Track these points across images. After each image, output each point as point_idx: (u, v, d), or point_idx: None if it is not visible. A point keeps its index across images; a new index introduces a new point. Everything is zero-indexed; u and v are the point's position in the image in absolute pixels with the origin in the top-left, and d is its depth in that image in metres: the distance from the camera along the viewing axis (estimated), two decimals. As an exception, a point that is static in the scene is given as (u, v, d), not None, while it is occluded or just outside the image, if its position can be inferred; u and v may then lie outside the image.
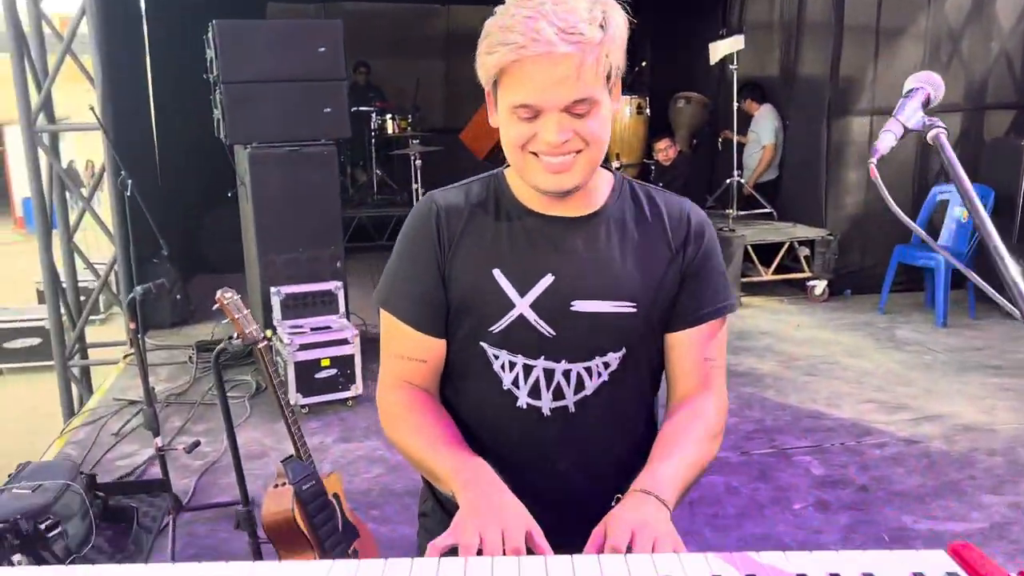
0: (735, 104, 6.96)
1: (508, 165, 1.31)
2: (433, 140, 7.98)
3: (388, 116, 8.74)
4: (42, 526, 1.57)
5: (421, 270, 1.30)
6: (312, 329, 4.46)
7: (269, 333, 4.16)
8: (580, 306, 1.27)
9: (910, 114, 1.09)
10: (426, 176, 7.14)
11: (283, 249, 4.67)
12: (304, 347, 4.30)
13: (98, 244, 5.97)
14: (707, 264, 1.32)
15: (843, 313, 6.37)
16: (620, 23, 1.16)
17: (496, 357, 1.30)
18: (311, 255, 4.72)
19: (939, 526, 3.26)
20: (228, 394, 2.96)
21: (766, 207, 7.19)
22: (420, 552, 1.48)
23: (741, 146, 7.27)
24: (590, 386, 1.30)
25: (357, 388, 4.44)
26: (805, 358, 5.30)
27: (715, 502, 3.42)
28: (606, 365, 1.30)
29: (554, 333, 1.27)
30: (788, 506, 3.42)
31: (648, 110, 7.82)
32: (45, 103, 5.50)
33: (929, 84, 1.13)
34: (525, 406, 1.31)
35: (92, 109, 4.20)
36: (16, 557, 1.55)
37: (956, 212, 6.10)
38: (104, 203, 5.86)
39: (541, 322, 1.27)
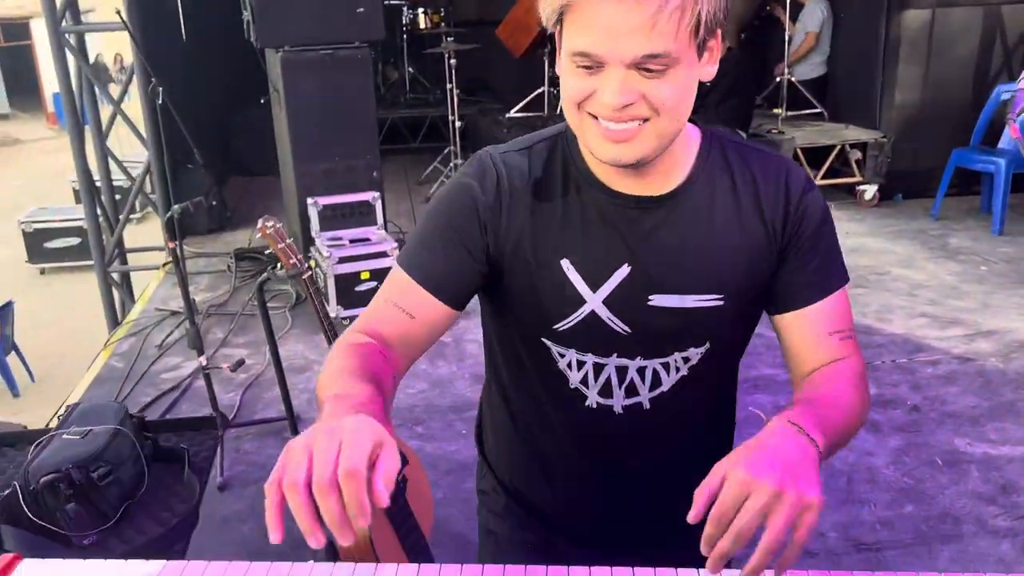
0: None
1: None
2: (467, 36, 7.68)
3: (420, 10, 8.42)
4: (94, 474, 1.56)
5: (453, 241, 1.12)
6: (351, 241, 4.40)
7: (312, 264, 4.11)
8: (659, 300, 1.12)
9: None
10: (461, 75, 6.92)
11: (319, 158, 4.57)
12: (344, 260, 4.25)
13: (130, 140, 5.91)
14: (813, 239, 1.14)
15: (894, 219, 6.19)
16: None
17: (562, 355, 1.16)
18: (347, 164, 4.62)
19: (994, 450, 3.21)
20: (268, 304, 2.94)
21: (817, 106, 6.91)
22: (483, 531, 1.43)
23: (791, 40, 6.95)
24: (667, 382, 1.18)
25: (397, 300, 4.42)
26: (854, 268, 5.12)
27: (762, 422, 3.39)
28: (686, 360, 1.17)
29: (630, 331, 1.13)
30: (838, 427, 3.39)
31: None
32: (70, 2, 5.35)
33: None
34: (595, 405, 1.18)
35: (119, 12, 4.05)
36: (70, 507, 1.55)
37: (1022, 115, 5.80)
38: (134, 98, 5.75)
39: (615, 319, 1.12)
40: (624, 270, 1.10)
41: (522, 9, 6.94)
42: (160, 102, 3.75)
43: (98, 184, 5.86)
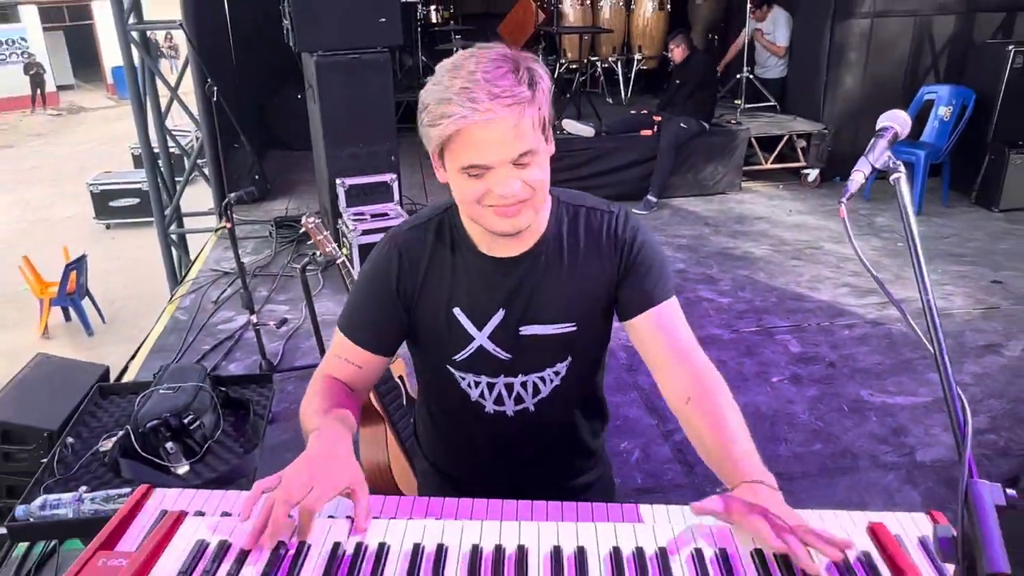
0: (748, 3, 6.67)
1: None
2: (473, 32, 7.75)
3: (432, 7, 8.47)
4: (185, 420, 1.79)
5: (378, 306, 1.29)
6: (372, 216, 4.58)
7: (345, 252, 4.29)
8: (528, 330, 1.28)
9: (878, 154, 1.16)
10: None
11: (346, 145, 4.72)
12: (366, 232, 4.44)
13: (180, 112, 6.05)
14: (644, 260, 1.28)
15: (832, 200, 6.34)
16: (545, 76, 1.14)
17: (462, 378, 1.33)
18: (369, 150, 4.77)
19: (890, 399, 3.42)
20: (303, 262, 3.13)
21: (770, 100, 7.03)
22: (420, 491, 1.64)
23: (751, 43, 7.02)
24: (545, 389, 1.34)
25: (411, 266, 4.62)
26: (794, 243, 5.36)
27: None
28: (556, 373, 1.33)
29: (509, 356, 1.29)
30: (768, 379, 3.60)
31: (669, 5, 7.50)
32: (135, 3, 5.45)
33: (897, 123, 1.19)
34: (492, 412, 1.35)
35: (181, 25, 4.18)
36: (169, 444, 1.79)
37: (940, 111, 5.95)
38: (186, 78, 5.84)
39: (498, 349, 1.29)
40: (500, 313, 1.27)
41: (520, 11, 7.02)
42: (215, 100, 3.89)
43: (156, 151, 6.01)
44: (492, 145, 1.08)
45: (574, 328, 1.29)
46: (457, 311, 1.27)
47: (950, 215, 5.89)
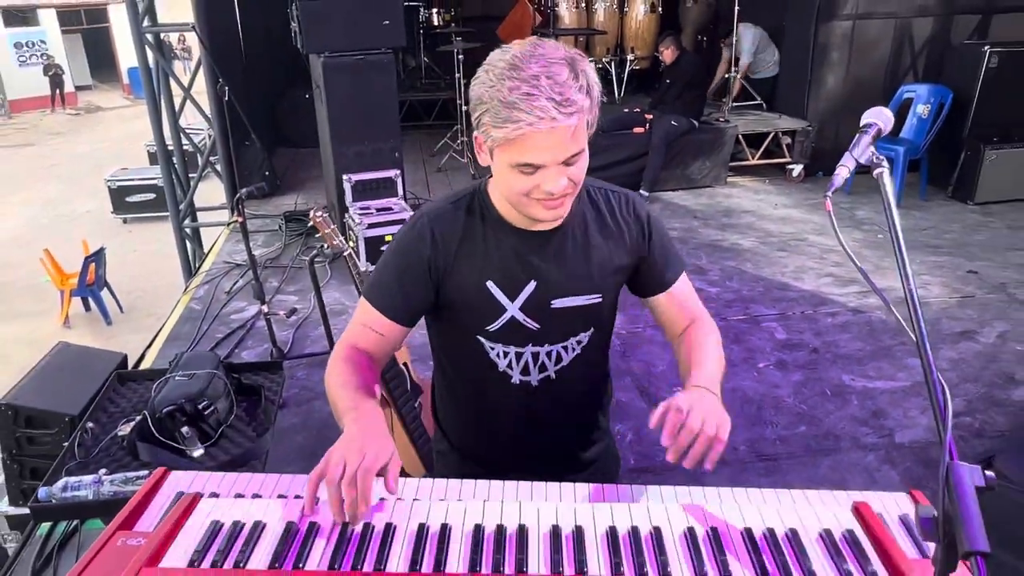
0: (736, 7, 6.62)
1: (490, 176, 1.28)
2: (473, 34, 7.68)
3: (433, 10, 8.42)
4: (200, 406, 1.78)
5: (409, 281, 1.29)
6: (377, 210, 4.57)
7: (351, 245, 4.28)
8: (558, 303, 1.30)
9: (862, 150, 1.15)
10: (467, 65, 6.97)
11: (352, 142, 4.70)
12: (371, 226, 4.44)
13: (193, 111, 6.01)
14: (658, 242, 1.36)
15: (815, 194, 6.33)
16: (596, 80, 1.14)
17: (492, 348, 1.33)
18: (374, 147, 4.75)
19: (871, 384, 3.43)
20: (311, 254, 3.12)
21: (757, 99, 7.00)
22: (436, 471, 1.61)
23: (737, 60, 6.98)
24: (567, 358, 1.36)
25: (414, 258, 4.61)
26: (779, 235, 5.35)
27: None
28: (579, 342, 1.36)
29: (539, 327, 1.31)
30: (754, 365, 3.60)
31: (660, 8, 7.46)
32: (149, 8, 5.41)
33: (881, 120, 1.18)
34: (518, 382, 1.36)
35: (194, 27, 4.14)
36: (184, 429, 1.78)
37: (919, 109, 5.93)
38: (199, 78, 5.79)
39: (528, 320, 1.30)
40: (531, 285, 1.28)
41: (518, 14, 6.97)
42: (227, 99, 3.86)
43: (170, 148, 5.98)
44: (549, 149, 1.10)
45: (599, 299, 1.32)
46: (490, 284, 1.28)
47: (928, 208, 5.88)
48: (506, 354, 1.33)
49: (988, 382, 3.42)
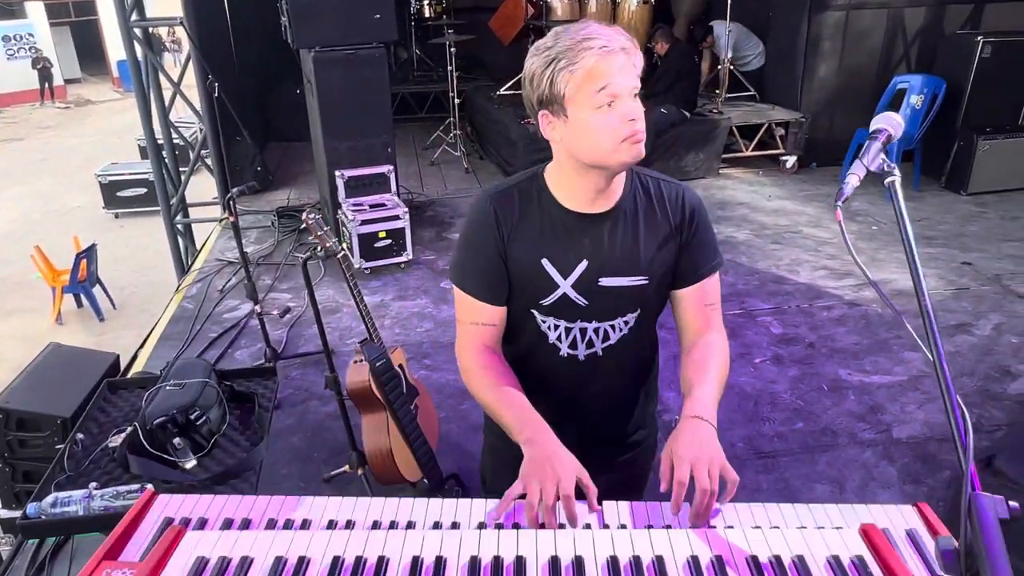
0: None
1: (547, 163, 1.35)
2: (465, 26, 7.60)
3: (425, 2, 8.32)
4: (191, 416, 1.73)
5: (486, 255, 1.35)
6: (370, 207, 4.51)
7: (345, 245, 4.22)
8: (606, 282, 1.35)
9: (873, 157, 1.11)
10: (459, 57, 6.89)
11: (344, 138, 4.63)
12: (365, 222, 4.38)
13: (183, 105, 5.91)
14: (700, 235, 1.39)
15: (809, 185, 6.30)
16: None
17: (543, 322, 1.40)
18: (367, 142, 4.69)
19: (867, 378, 3.40)
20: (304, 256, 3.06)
21: (750, 90, 6.95)
22: (484, 465, 1.65)
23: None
24: (614, 337, 1.41)
25: (408, 254, 4.56)
26: (774, 227, 5.31)
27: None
28: (626, 323, 1.41)
29: (588, 303, 1.36)
30: (751, 360, 3.57)
31: (653, -1, 7.37)
32: (136, 1, 5.29)
33: (891, 125, 1.15)
34: (566, 355, 1.42)
35: (182, 21, 4.06)
36: (176, 440, 1.73)
37: (912, 100, 5.88)
38: (189, 72, 5.69)
39: (579, 296, 1.36)
40: (583, 264, 1.34)
41: (510, 6, 6.88)
42: (216, 96, 3.79)
43: (160, 143, 5.88)
44: (621, 72, 1.18)
45: (646, 281, 1.37)
46: (545, 262, 1.34)
47: (921, 199, 5.85)
48: (556, 327, 1.40)
49: (984, 375, 3.39)
